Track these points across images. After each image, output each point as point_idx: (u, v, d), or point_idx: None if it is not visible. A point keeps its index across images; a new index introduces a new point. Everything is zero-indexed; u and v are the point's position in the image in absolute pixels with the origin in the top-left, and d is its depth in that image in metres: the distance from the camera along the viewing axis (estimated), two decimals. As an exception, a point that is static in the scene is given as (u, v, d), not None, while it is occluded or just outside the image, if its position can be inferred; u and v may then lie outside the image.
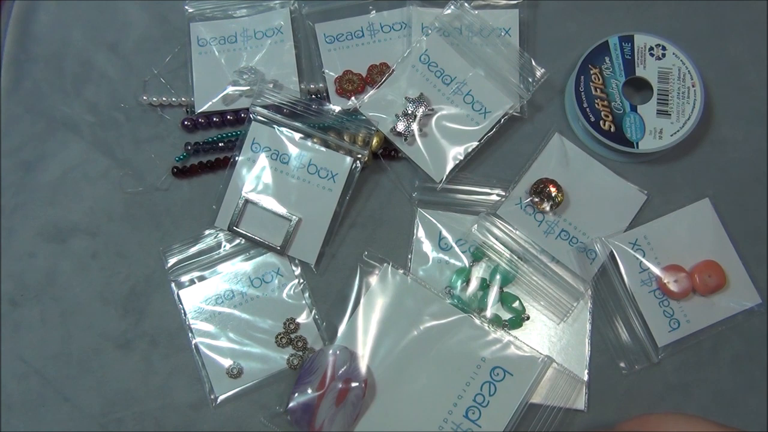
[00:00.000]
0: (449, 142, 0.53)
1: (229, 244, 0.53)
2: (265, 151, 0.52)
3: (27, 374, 0.51)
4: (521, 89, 0.53)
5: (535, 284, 0.51)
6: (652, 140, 0.53)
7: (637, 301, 0.51)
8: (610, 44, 0.55)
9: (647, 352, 0.51)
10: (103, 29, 0.58)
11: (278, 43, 0.56)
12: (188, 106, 0.56)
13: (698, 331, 0.51)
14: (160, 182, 0.55)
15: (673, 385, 0.51)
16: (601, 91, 0.54)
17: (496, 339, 0.49)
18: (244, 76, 0.55)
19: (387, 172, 0.55)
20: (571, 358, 0.51)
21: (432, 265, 0.53)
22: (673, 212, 0.53)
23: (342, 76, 0.55)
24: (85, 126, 0.56)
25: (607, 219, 0.53)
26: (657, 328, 0.51)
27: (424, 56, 0.54)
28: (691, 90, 0.54)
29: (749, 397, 0.51)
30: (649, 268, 0.52)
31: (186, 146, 0.55)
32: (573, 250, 0.52)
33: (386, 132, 0.53)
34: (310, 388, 0.48)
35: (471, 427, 0.48)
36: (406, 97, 0.53)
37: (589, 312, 0.52)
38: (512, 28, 0.56)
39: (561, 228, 0.53)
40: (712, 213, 0.53)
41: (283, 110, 0.53)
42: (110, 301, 0.52)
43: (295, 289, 0.52)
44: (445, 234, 0.53)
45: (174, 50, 0.57)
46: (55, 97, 0.56)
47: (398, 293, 0.51)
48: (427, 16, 0.56)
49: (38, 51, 0.57)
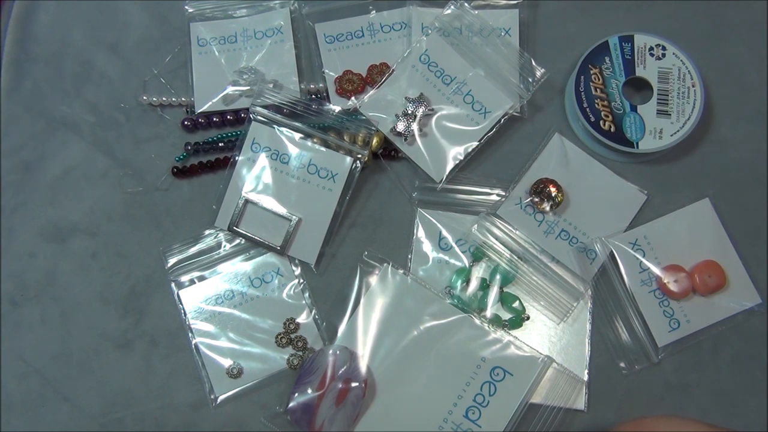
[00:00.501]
0: (449, 142, 0.53)
1: (229, 244, 0.53)
2: (265, 151, 0.52)
3: (27, 374, 0.51)
4: (521, 89, 0.53)
5: (535, 284, 0.51)
6: (652, 140, 0.53)
7: (637, 301, 0.51)
8: (610, 44, 0.55)
9: (647, 352, 0.51)
10: (103, 29, 0.58)
11: (278, 43, 0.56)
12: (188, 106, 0.56)
13: (698, 331, 0.51)
14: (160, 182, 0.55)
15: (673, 385, 0.51)
16: (601, 91, 0.54)
17: (496, 339, 0.49)
18: (244, 76, 0.55)
19: (387, 172, 0.55)
20: (571, 358, 0.51)
21: (432, 265, 0.53)
22: (673, 212, 0.53)
23: (342, 76, 0.55)
24: (85, 126, 0.56)
25: (607, 219, 0.53)
26: (657, 328, 0.51)
27: (424, 56, 0.54)
28: (691, 90, 0.54)
29: (749, 397, 0.51)
30: (649, 268, 0.52)
31: (186, 146, 0.55)
32: (573, 250, 0.52)
33: (386, 132, 0.53)
34: (310, 388, 0.48)
35: (471, 427, 0.48)
36: (406, 97, 0.53)
37: (589, 312, 0.52)
38: (512, 28, 0.56)
39: (561, 228, 0.53)
40: (712, 213, 0.53)
41: (283, 110, 0.53)
42: (110, 301, 0.52)
43: (295, 289, 0.52)
44: (445, 234, 0.53)
45: (174, 50, 0.57)
46: (55, 97, 0.56)
47: (398, 293, 0.51)
48: (427, 16, 0.56)
49: (38, 51, 0.58)
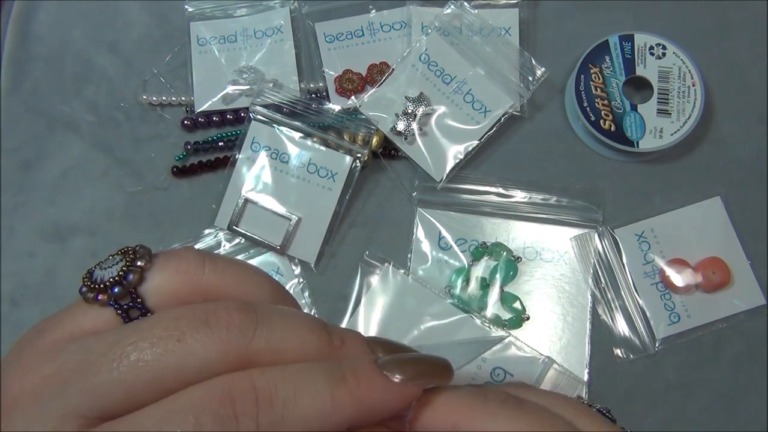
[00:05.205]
0: (449, 141, 0.53)
1: (228, 244, 0.53)
2: (265, 151, 0.52)
3: (26, 374, 0.51)
4: (521, 88, 0.53)
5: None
6: (653, 139, 0.53)
7: (639, 292, 0.52)
8: (611, 43, 0.55)
9: (645, 343, 0.51)
10: (103, 29, 0.58)
11: (278, 42, 0.56)
12: (188, 105, 0.56)
13: (698, 327, 0.51)
14: (159, 182, 0.55)
15: (674, 384, 0.51)
16: (601, 90, 0.54)
17: (497, 339, 0.49)
18: (244, 76, 0.55)
19: (387, 171, 0.55)
20: (571, 358, 0.51)
21: (431, 265, 0.52)
22: (683, 208, 0.53)
23: (342, 76, 0.55)
24: (85, 125, 0.56)
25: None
26: (656, 320, 0.51)
27: (424, 55, 0.54)
28: (691, 89, 0.54)
29: (750, 398, 0.51)
30: (654, 260, 0.52)
31: (186, 145, 0.55)
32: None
33: (386, 131, 0.53)
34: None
35: (471, 426, 0.48)
36: (406, 96, 0.53)
37: (589, 312, 0.52)
38: (512, 27, 0.56)
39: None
40: (723, 211, 0.53)
41: (283, 109, 0.53)
42: (110, 301, 0.52)
43: (295, 289, 0.52)
44: (444, 233, 0.53)
45: (174, 50, 0.57)
46: (55, 96, 0.56)
47: (399, 293, 0.51)
48: (427, 15, 0.55)
49: (38, 51, 0.58)
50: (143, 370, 0.22)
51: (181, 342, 0.23)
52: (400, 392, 0.25)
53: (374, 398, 0.24)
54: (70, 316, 0.25)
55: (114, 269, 0.26)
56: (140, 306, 0.25)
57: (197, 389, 0.22)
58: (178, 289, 0.26)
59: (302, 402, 0.23)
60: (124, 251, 0.26)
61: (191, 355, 0.23)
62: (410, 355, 0.26)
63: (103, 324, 0.25)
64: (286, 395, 0.22)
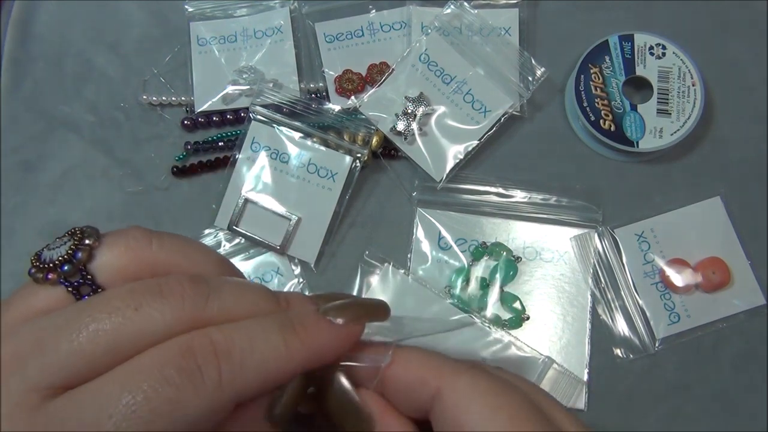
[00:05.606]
0: (449, 141, 0.53)
1: (228, 244, 0.53)
2: (265, 151, 0.52)
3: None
4: (521, 88, 0.53)
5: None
6: (653, 139, 0.53)
7: (639, 292, 0.52)
8: (610, 43, 0.55)
9: (644, 343, 0.51)
10: (103, 29, 0.58)
11: (278, 42, 0.56)
12: (188, 105, 0.56)
13: (698, 327, 0.51)
14: (159, 182, 0.55)
15: (674, 384, 0.51)
16: (601, 90, 0.54)
17: (497, 339, 0.49)
18: (244, 76, 0.55)
19: (387, 171, 0.55)
20: (571, 358, 0.51)
21: (431, 265, 0.52)
22: (683, 208, 0.53)
23: (342, 76, 0.55)
24: (85, 125, 0.56)
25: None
26: (656, 320, 0.51)
27: (423, 55, 0.54)
28: (691, 89, 0.54)
29: (750, 398, 0.51)
30: (654, 260, 0.52)
31: (186, 145, 0.55)
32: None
33: (386, 131, 0.53)
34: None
35: (471, 426, 0.48)
36: (406, 96, 0.53)
37: (588, 312, 0.52)
38: (512, 27, 0.56)
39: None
40: (722, 211, 0.53)
41: (283, 109, 0.53)
42: (110, 301, 0.52)
43: (295, 289, 0.52)
44: (444, 233, 0.53)
45: (174, 50, 0.57)
46: (55, 96, 0.56)
47: (399, 293, 0.51)
48: (427, 15, 0.55)
49: (38, 51, 0.58)
50: (103, 338, 0.23)
51: (139, 311, 0.24)
52: (343, 333, 0.27)
53: (322, 341, 0.26)
54: (20, 299, 0.26)
55: (62, 249, 0.26)
56: (90, 283, 0.26)
57: (157, 349, 0.23)
58: (127, 265, 0.27)
59: (259, 350, 0.24)
60: (72, 232, 0.27)
61: (149, 322, 0.24)
62: (348, 301, 0.28)
63: (55, 302, 0.26)
64: (243, 345, 0.24)
